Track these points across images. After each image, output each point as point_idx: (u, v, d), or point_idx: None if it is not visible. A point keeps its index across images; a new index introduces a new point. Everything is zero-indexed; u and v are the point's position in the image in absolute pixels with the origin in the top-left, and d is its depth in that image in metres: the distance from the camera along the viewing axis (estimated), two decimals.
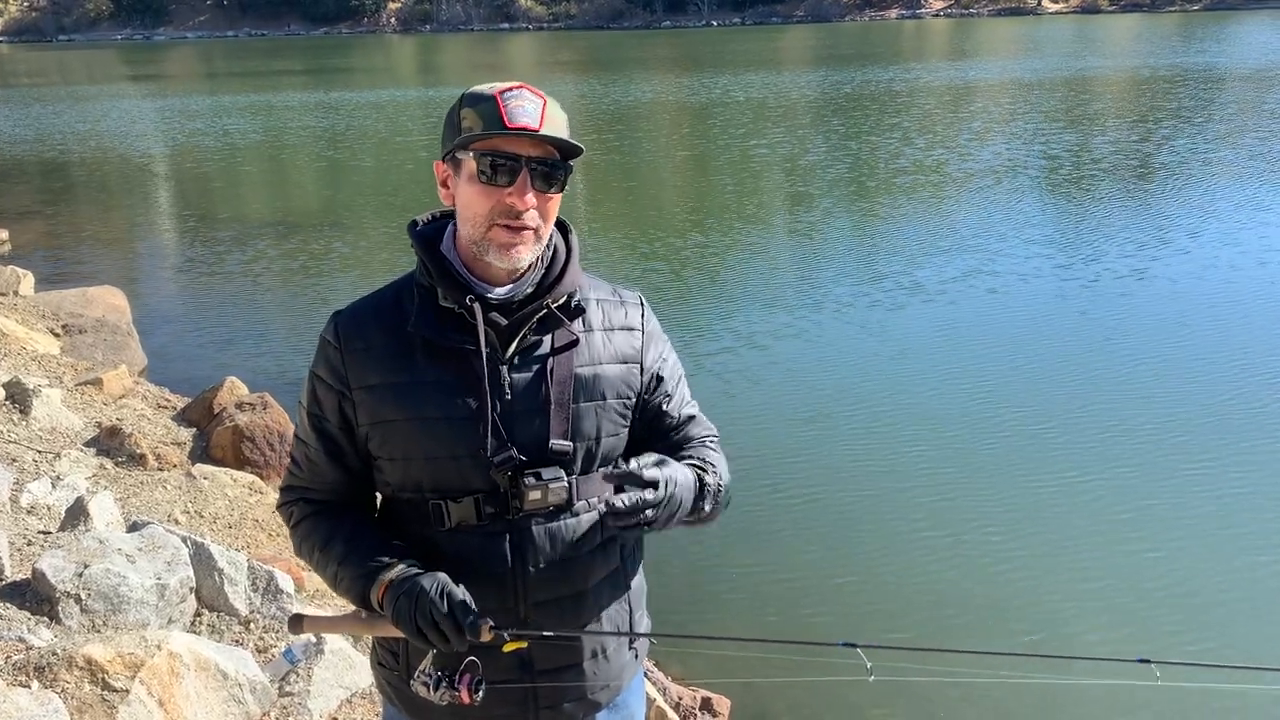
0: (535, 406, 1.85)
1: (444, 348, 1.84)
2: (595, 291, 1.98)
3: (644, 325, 2.00)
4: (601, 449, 1.91)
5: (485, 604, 1.82)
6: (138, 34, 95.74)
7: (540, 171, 1.79)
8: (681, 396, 2.05)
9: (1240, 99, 25.54)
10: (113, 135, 25.13)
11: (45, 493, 4.94)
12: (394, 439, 1.86)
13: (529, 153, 1.78)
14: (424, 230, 1.94)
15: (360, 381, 1.87)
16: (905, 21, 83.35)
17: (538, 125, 1.76)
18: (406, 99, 33.23)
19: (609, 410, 1.91)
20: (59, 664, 3.22)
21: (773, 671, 4.81)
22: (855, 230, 13.31)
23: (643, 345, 1.98)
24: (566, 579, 1.89)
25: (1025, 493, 6.28)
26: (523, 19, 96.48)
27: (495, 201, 1.79)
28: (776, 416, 7.43)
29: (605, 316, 1.96)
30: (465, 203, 1.83)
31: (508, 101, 1.76)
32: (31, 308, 9.20)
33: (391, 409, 1.85)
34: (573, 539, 1.88)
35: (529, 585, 1.86)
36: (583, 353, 1.90)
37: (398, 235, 13.96)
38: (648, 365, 1.98)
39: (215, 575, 4.13)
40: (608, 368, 1.92)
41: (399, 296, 1.91)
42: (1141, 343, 8.71)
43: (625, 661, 2.04)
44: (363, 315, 1.91)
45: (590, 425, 1.89)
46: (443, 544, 1.86)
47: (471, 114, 1.78)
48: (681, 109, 28.33)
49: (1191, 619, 5.10)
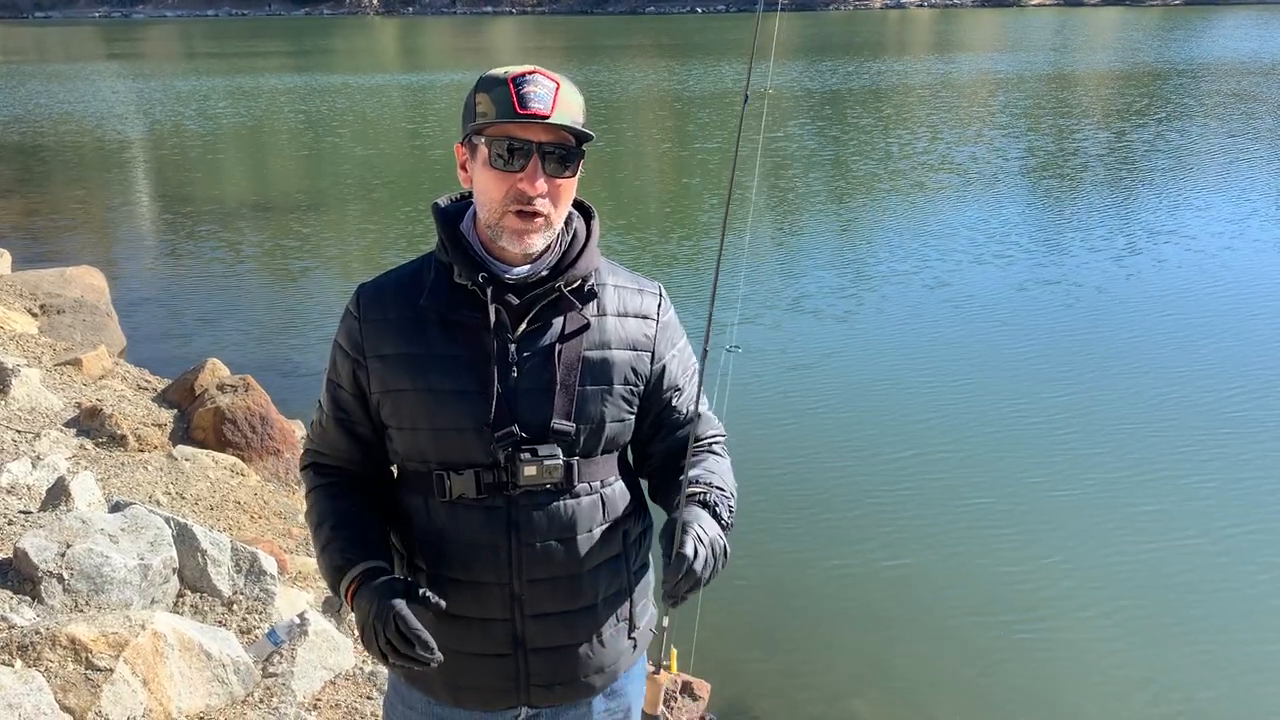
0: (541, 386, 1.86)
1: (456, 323, 1.86)
2: (614, 277, 1.99)
3: (660, 315, 2.01)
4: (606, 433, 1.92)
5: (481, 578, 1.88)
6: (116, 11, 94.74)
7: (553, 157, 1.80)
8: (691, 393, 2.06)
9: (1234, 92, 25.65)
10: (91, 115, 24.89)
11: (25, 472, 4.90)
12: (404, 408, 1.89)
13: (541, 138, 1.78)
14: (447, 209, 1.97)
15: (375, 351, 1.90)
16: (890, 11, 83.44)
17: (549, 111, 1.76)
18: (387, 83, 33.04)
19: (615, 395, 1.92)
20: (42, 643, 3.21)
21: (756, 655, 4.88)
22: (845, 228, 13.22)
23: (656, 334, 1.99)
24: (563, 559, 1.90)
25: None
26: (506, 3, 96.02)
27: (508, 186, 1.80)
28: (766, 420, 7.46)
29: (621, 302, 1.97)
30: (480, 187, 1.85)
31: (520, 87, 1.77)
32: (9, 287, 9.10)
33: (403, 378, 1.87)
34: (571, 520, 1.90)
35: (525, 562, 1.88)
36: (593, 336, 1.91)
37: (377, 215, 13.97)
38: (659, 355, 1.99)
39: (198, 556, 4.12)
40: (617, 353, 1.93)
41: (420, 272, 1.94)
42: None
43: (623, 649, 2.05)
44: (383, 288, 1.95)
45: (595, 408, 1.90)
46: (444, 515, 1.89)
47: (485, 99, 1.79)
48: (665, 96, 28.28)
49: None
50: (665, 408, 2.02)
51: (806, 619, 5.19)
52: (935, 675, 4.76)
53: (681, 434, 2.03)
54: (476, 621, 1.91)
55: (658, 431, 2.03)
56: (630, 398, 1.96)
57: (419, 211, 13.61)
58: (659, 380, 1.99)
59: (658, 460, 2.06)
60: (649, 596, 2.12)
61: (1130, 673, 4.73)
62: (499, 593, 1.88)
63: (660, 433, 2.03)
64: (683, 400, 2.04)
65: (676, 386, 2.02)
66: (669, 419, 2.03)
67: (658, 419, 2.02)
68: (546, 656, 1.94)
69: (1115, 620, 5.07)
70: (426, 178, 16.73)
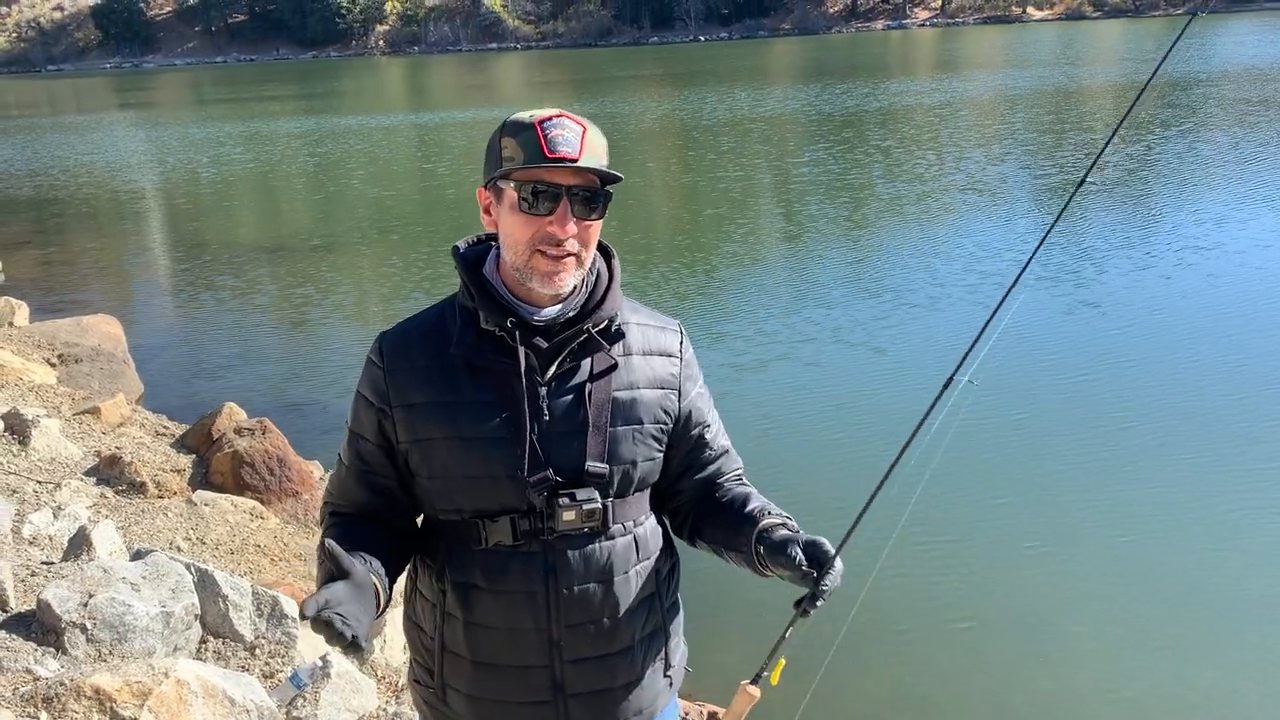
0: (573, 429, 1.86)
1: (485, 369, 1.85)
2: (635, 315, 1.99)
3: (682, 353, 2.02)
4: (638, 472, 1.92)
5: (519, 625, 1.86)
6: (126, 62, 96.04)
7: (581, 199, 1.80)
8: (717, 426, 2.07)
9: (1261, 99, 25.42)
10: (104, 165, 25.17)
11: (47, 523, 4.93)
12: (433, 457, 1.87)
13: (569, 182, 1.79)
14: (467, 253, 1.96)
15: (402, 400, 1.88)
16: (892, 32, 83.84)
17: (577, 155, 1.77)
18: (398, 123, 33.32)
19: (645, 434, 1.92)
20: (67, 694, 3.22)
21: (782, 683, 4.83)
22: (860, 255, 13.02)
23: (681, 372, 2.00)
24: (601, 602, 1.90)
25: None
26: (510, 38, 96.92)
27: (536, 230, 1.80)
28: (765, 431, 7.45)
29: (645, 340, 1.97)
30: (507, 230, 1.84)
31: (548, 131, 1.77)
32: (27, 338, 9.19)
33: (432, 427, 1.86)
34: (608, 562, 1.90)
35: (562, 607, 1.87)
36: (621, 376, 1.91)
37: (390, 257, 14.02)
38: (685, 391, 2.00)
39: (220, 601, 4.12)
40: (645, 392, 1.93)
41: (443, 317, 1.93)
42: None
43: (660, 689, 2.04)
44: (407, 335, 1.93)
45: (627, 449, 1.90)
46: (479, 563, 1.88)
47: (512, 143, 1.80)
48: (671, 126, 28.40)
49: None
50: (695, 444, 2.02)
51: (835, 645, 5.14)
52: (976, 700, 4.71)
53: (712, 469, 2.04)
54: (515, 669, 1.89)
55: (688, 468, 2.03)
56: (660, 436, 1.96)
57: (435, 253, 13.61)
58: (687, 418, 2.00)
59: (687, 496, 2.05)
60: (681, 634, 2.12)
61: (1172, 689, 4.67)
62: (537, 639, 1.86)
63: (691, 470, 2.03)
64: (713, 435, 2.04)
65: (705, 422, 2.03)
66: (701, 456, 2.03)
67: (687, 456, 2.02)
68: (586, 701, 1.93)
69: (1147, 635, 5.01)
70: (441, 219, 16.78)
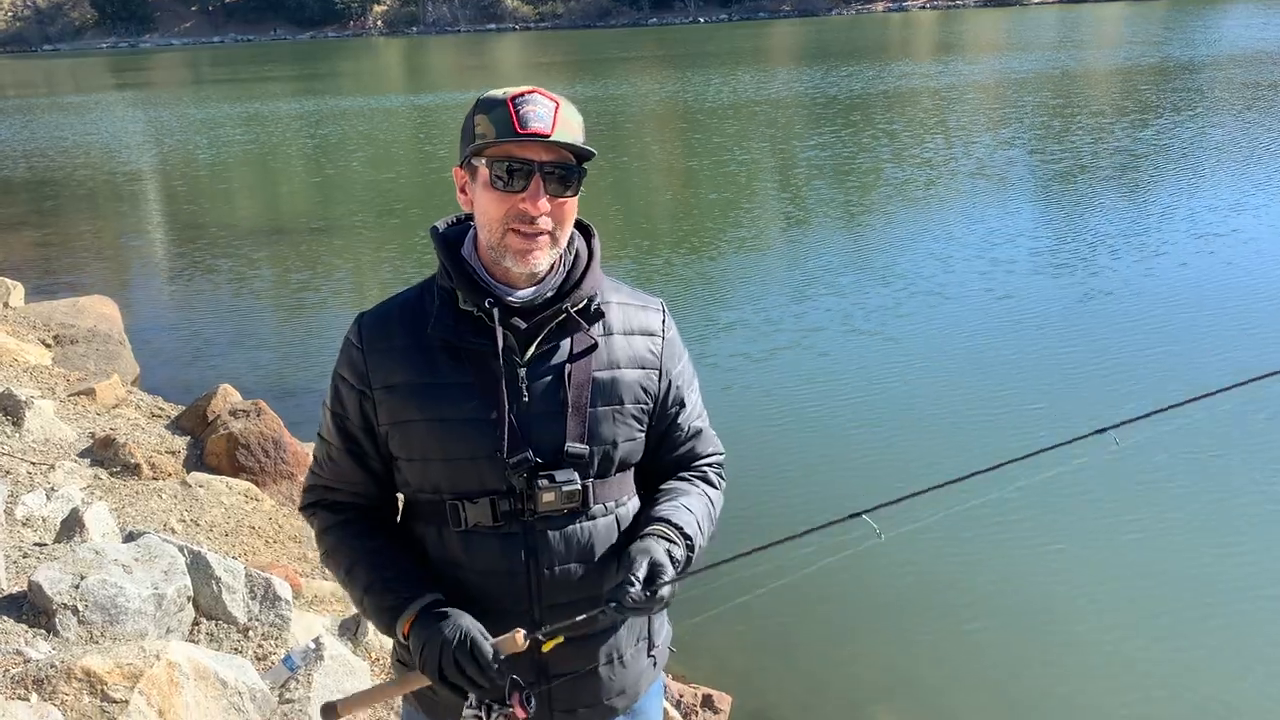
0: (553, 409, 1.85)
1: (463, 350, 1.84)
2: (616, 294, 1.97)
3: (664, 331, 2.00)
4: (619, 453, 1.91)
5: (500, 605, 1.84)
6: (123, 42, 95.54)
7: (554, 176, 1.79)
8: (694, 407, 2.04)
9: (1271, 82, 25.25)
10: (102, 145, 25.05)
11: (40, 504, 4.91)
12: (413, 439, 1.86)
13: (542, 158, 1.78)
14: (446, 233, 1.95)
15: (382, 382, 1.87)
16: (893, 14, 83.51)
17: (549, 130, 1.76)
18: (396, 104, 33.16)
19: (626, 414, 1.91)
20: (57, 676, 3.20)
21: (776, 666, 4.84)
22: (855, 236, 13.02)
23: (662, 351, 1.98)
24: (582, 583, 1.88)
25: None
26: (509, 19, 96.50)
27: (509, 207, 1.79)
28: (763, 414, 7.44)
29: (626, 320, 1.95)
30: (481, 209, 1.84)
31: (519, 107, 1.76)
32: (22, 319, 9.15)
33: (412, 409, 1.85)
34: (589, 543, 1.88)
35: (544, 588, 1.86)
36: (601, 356, 1.89)
37: (387, 240, 13.98)
38: (666, 371, 1.98)
39: (213, 584, 4.11)
40: (626, 372, 1.91)
41: (422, 298, 1.92)
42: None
43: (643, 668, 2.03)
44: (386, 317, 1.92)
45: (608, 429, 1.88)
46: (459, 545, 1.87)
47: (484, 120, 1.79)
48: (671, 108, 28.28)
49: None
50: (671, 425, 2.01)
51: (828, 628, 5.14)
52: (959, 682, 4.71)
53: (679, 452, 2.02)
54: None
55: (657, 448, 2.01)
56: (641, 416, 1.94)
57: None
58: (666, 396, 1.98)
59: (653, 477, 2.03)
60: (664, 614, 2.10)
61: (1160, 680, 4.65)
62: (518, 620, 1.84)
63: (660, 450, 2.01)
64: (685, 416, 2.02)
65: (681, 402, 2.01)
66: (671, 436, 2.01)
67: (664, 436, 2.00)
68: (569, 682, 1.91)
69: (1145, 627, 5.00)
70: (438, 200, 16.69)
